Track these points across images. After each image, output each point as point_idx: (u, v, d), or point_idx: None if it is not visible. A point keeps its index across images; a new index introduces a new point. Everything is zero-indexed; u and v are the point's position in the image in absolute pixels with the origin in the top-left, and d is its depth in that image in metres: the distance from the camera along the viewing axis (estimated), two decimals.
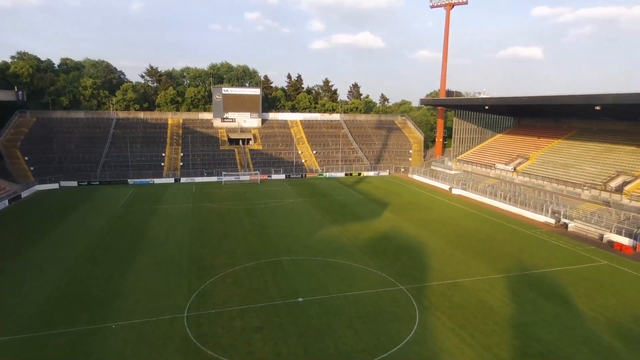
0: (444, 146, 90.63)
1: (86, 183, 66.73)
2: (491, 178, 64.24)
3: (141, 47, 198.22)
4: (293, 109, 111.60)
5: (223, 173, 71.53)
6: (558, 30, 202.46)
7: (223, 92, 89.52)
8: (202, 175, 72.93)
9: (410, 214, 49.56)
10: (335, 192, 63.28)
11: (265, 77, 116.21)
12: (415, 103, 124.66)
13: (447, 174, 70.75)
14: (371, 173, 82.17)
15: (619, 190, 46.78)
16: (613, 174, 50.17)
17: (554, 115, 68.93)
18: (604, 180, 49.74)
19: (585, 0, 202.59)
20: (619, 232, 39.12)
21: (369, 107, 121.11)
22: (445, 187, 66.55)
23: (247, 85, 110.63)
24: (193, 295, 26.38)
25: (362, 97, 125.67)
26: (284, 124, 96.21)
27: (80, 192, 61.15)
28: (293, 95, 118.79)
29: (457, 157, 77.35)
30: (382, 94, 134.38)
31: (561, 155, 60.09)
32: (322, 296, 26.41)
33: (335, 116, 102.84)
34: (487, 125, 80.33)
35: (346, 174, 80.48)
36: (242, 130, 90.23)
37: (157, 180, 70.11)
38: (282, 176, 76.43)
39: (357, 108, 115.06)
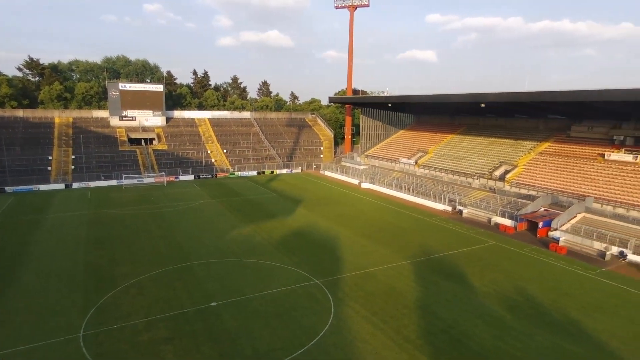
0: (353, 142, 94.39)
1: None
2: (396, 172, 68.48)
3: (18, 36, 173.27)
4: (200, 107, 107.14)
5: (123, 176, 65.77)
6: (449, 36, 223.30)
7: (120, 88, 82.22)
8: (98, 179, 66.25)
9: (323, 209, 50.64)
10: (248, 191, 62.12)
11: (169, 73, 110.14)
12: (325, 101, 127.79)
13: (357, 169, 73.75)
14: (284, 171, 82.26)
15: (502, 178, 53.14)
16: (496, 165, 56.76)
17: (447, 113, 75.82)
18: (490, 170, 56.06)
19: (470, 10, 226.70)
20: (502, 215, 44.46)
21: (279, 105, 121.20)
22: (355, 181, 69.35)
23: (148, 81, 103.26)
24: (90, 311, 23.76)
25: (272, 95, 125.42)
26: (191, 123, 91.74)
27: None
28: (200, 93, 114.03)
29: (365, 153, 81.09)
30: (292, 92, 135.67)
31: (455, 149, 66.31)
32: (238, 298, 25.65)
33: (246, 114, 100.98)
34: (391, 122, 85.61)
35: (259, 173, 79.48)
36: (144, 129, 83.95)
37: (43, 187, 61.96)
38: (191, 177, 72.86)
39: (267, 106, 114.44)
